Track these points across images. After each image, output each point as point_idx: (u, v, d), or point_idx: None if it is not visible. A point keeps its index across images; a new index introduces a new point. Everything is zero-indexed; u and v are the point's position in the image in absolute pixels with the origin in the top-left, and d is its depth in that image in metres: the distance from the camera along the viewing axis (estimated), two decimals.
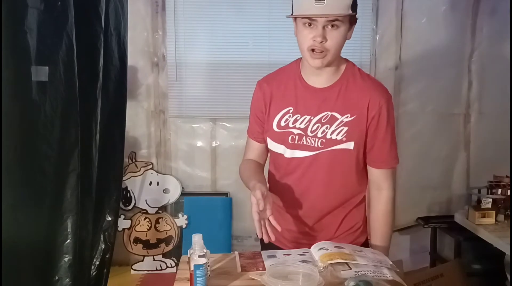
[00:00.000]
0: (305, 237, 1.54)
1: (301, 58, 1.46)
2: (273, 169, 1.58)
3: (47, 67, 1.60)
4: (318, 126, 1.42)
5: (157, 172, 3.19)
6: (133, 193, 3.14)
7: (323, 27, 1.32)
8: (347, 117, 1.41)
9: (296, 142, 1.44)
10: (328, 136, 1.42)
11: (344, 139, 1.41)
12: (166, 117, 3.21)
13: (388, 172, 1.51)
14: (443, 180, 3.28)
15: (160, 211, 3.17)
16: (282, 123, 1.46)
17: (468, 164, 3.27)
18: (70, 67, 1.65)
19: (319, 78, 1.43)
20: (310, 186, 1.48)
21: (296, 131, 1.44)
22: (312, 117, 1.43)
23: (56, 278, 1.72)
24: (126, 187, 3.10)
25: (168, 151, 3.23)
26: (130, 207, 3.14)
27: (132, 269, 3.14)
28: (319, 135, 1.42)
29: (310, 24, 1.33)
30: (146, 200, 3.15)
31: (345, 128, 1.41)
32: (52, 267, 1.71)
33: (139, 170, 3.14)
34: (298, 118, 1.44)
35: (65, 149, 1.70)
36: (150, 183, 3.16)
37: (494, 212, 2.42)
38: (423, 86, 3.19)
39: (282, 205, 1.55)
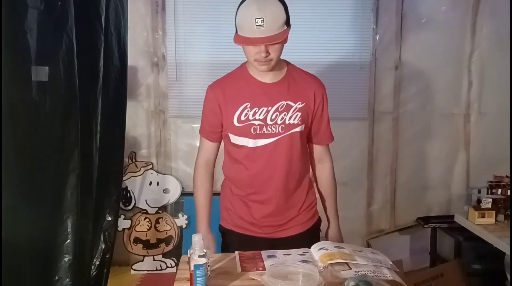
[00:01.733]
0: (272, 219, 1.72)
1: (246, 62, 1.69)
2: (233, 164, 1.74)
3: (47, 67, 1.60)
4: (277, 114, 1.63)
5: (157, 172, 3.19)
6: (133, 193, 3.14)
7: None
8: (299, 104, 1.65)
9: (258, 132, 1.63)
10: (287, 122, 1.64)
11: (299, 123, 1.65)
12: (166, 117, 3.21)
13: (327, 147, 1.83)
14: (443, 180, 3.28)
15: (160, 211, 3.17)
16: (242, 118, 1.63)
17: (468, 164, 3.26)
18: (70, 67, 1.65)
19: (267, 75, 1.64)
20: (275, 170, 1.67)
21: (257, 123, 1.63)
22: (269, 108, 1.63)
23: (56, 278, 1.72)
24: (126, 187, 3.10)
25: (168, 151, 3.23)
26: (130, 207, 3.14)
27: (132, 269, 3.14)
28: (279, 122, 1.63)
29: None
30: (146, 200, 3.15)
31: (299, 113, 1.65)
32: (52, 267, 1.71)
33: (139, 170, 3.14)
34: (256, 110, 1.62)
35: (65, 149, 1.70)
36: (150, 183, 3.16)
37: (494, 212, 2.42)
38: (423, 86, 3.19)
39: (245, 194, 1.73)
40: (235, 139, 1.67)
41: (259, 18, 1.46)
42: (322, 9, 3.07)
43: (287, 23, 1.53)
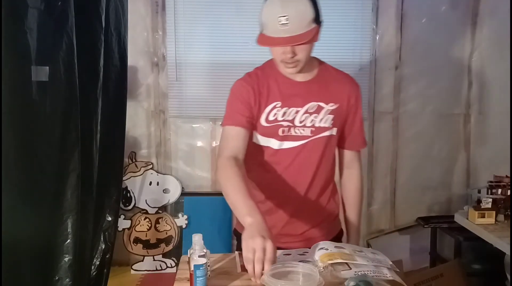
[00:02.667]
0: (288, 227, 1.57)
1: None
2: (252, 165, 1.54)
3: (47, 67, 1.60)
4: (307, 116, 1.50)
5: (157, 172, 3.19)
6: (133, 193, 3.14)
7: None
8: (331, 106, 1.52)
9: (285, 134, 1.51)
10: (317, 124, 1.51)
11: (330, 126, 1.53)
12: (166, 117, 3.21)
13: (358, 153, 1.69)
14: (443, 180, 3.28)
15: (160, 211, 3.17)
16: (271, 118, 1.50)
17: (468, 164, 3.27)
18: (70, 67, 1.65)
19: (298, 74, 1.51)
20: (299, 175, 1.54)
21: (285, 124, 1.50)
22: (299, 109, 1.50)
23: (56, 278, 1.72)
24: (126, 187, 3.10)
25: (168, 151, 3.23)
26: (130, 207, 3.14)
27: (132, 269, 3.14)
28: (308, 124, 1.51)
29: None
30: (146, 200, 3.15)
31: (331, 116, 1.52)
32: (52, 267, 1.71)
33: (139, 170, 3.14)
34: (286, 111, 1.49)
35: (65, 149, 1.70)
36: (150, 183, 3.16)
37: (494, 212, 2.42)
38: (423, 86, 3.19)
39: (260, 200, 1.54)
40: (260, 140, 1.53)
41: (283, 16, 1.33)
42: (322, 9, 3.06)
43: (317, 20, 1.40)
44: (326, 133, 1.53)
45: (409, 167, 3.25)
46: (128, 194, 3.12)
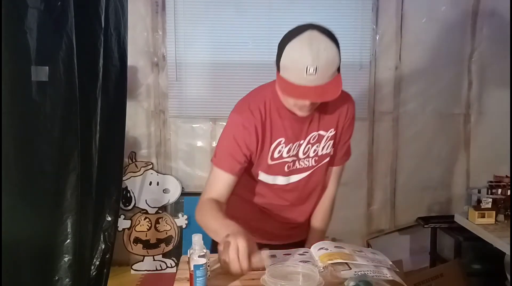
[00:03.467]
0: (276, 238, 1.57)
1: (275, 82, 1.39)
2: (246, 203, 1.54)
3: (47, 67, 1.60)
4: (309, 147, 1.47)
5: (157, 172, 3.19)
6: (133, 193, 3.14)
7: None
8: (331, 132, 1.50)
9: (291, 168, 1.48)
10: (319, 153, 1.50)
11: (331, 151, 1.53)
12: (166, 117, 3.21)
13: (339, 169, 1.63)
14: (443, 180, 3.28)
15: (160, 211, 3.17)
16: (276, 155, 1.44)
17: (468, 164, 3.27)
18: (70, 67, 1.65)
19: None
20: (303, 202, 1.56)
21: (290, 159, 1.46)
22: (301, 141, 1.46)
23: (56, 278, 1.72)
24: (126, 187, 3.10)
25: (168, 151, 3.23)
26: (130, 207, 3.14)
27: (132, 269, 3.14)
28: (311, 154, 1.49)
29: None
30: (146, 200, 3.15)
31: (331, 141, 1.51)
32: (52, 267, 1.71)
33: (139, 170, 3.14)
34: (291, 147, 1.45)
35: (65, 149, 1.70)
36: (150, 183, 3.16)
37: (494, 212, 2.42)
38: (423, 86, 3.19)
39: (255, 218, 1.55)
40: (265, 178, 1.47)
41: (312, 66, 1.20)
42: (322, 9, 3.07)
43: (339, 68, 1.28)
44: (327, 159, 1.53)
45: (409, 167, 3.25)
46: (128, 194, 3.12)
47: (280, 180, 1.48)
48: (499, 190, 2.51)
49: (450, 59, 3.17)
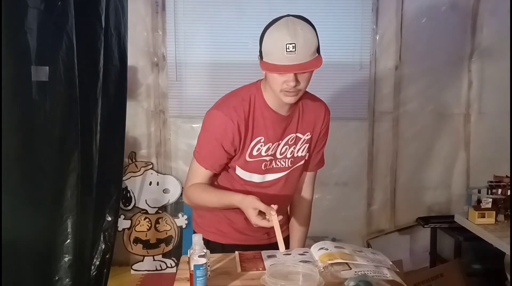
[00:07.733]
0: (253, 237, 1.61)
1: (261, 81, 1.50)
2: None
3: (47, 67, 1.60)
4: (286, 148, 1.53)
5: (157, 172, 3.19)
6: (133, 193, 3.14)
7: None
8: (307, 136, 1.56)
9: (268, 167, 1.52)
10: (295, 155, 1.55)
11: (306, 154, 1.58)
12: (166, 117, 3.21)
13: (313, 174, 1.69)
14: (443, 180, 3.28)
15: (160, 211, 3.17)
16: (254, 153, 1.49)
17: (468, 164, 3.27)
18: (70, 67, 1.66)
19: (285, 107, 1.47)
20: (278, 202, 1.51)
21: (268, 158, 1.51)
22: (280, 142, 1.51)
23: (56, 278, 1.72)
24: (126, 187, 3.10)
25: (168, 151, 3.23)
26: (130, 207, 3.14)
27: (132, 269, 3.14)
28: (288, 155, 1.54)
29: None
30: (146, 200, 3.15)
31: (307, 145, 1.57)
32: (52, 267, 1.71)
33: (139, 170, 3.14)
34: (270, 146, 1.50)
35: (65, 149, 1.70)
36: (150, 183, 3.16)
37: (494, 212, 2.42)
38: (423, 86, 3.19)
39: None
40: (242, 174, 1.53)
41: (291, 44, 1.30)
42: (322, 9, 3.07)
43: (318, 50, 1.38)
44: (302, 162, 1.59)
45: (409, 167, 3.25)
46: (128, 194, 3.12)
47: (256, 178, 1.53)
48: (499, 190, 2.51)
49: (450, 59, 3.17)
